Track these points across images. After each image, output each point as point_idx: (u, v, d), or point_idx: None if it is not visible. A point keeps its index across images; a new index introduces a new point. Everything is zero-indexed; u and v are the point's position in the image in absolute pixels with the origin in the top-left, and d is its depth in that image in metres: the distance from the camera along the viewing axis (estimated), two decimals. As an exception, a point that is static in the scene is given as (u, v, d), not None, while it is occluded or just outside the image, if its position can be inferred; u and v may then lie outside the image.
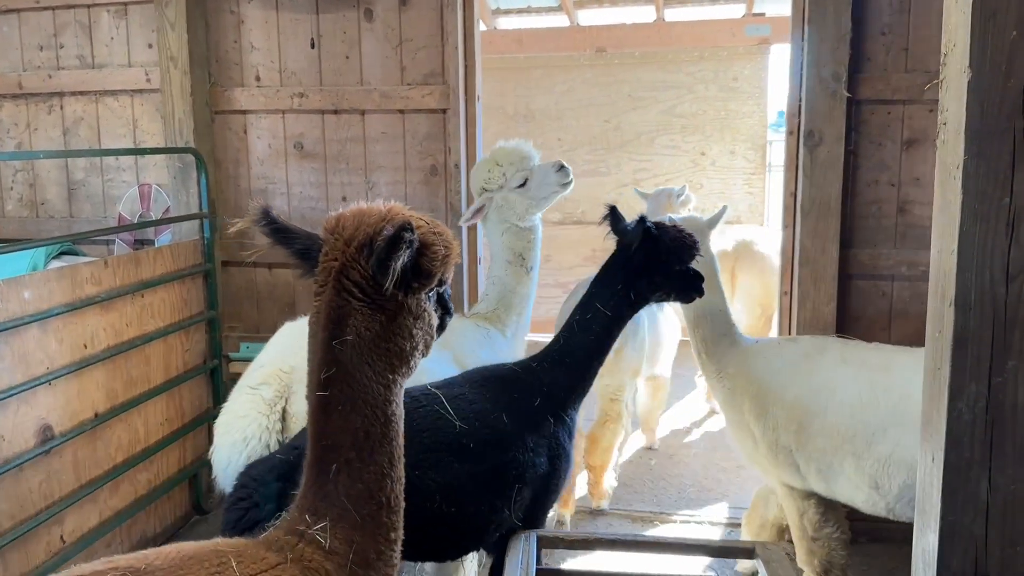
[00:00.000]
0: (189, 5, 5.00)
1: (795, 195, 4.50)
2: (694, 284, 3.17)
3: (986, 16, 1.53)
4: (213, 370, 5.06)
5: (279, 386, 3.12)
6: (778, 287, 4.76)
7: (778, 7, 8.88)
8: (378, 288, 1.78)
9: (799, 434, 3.48)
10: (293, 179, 5.24)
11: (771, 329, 6.27)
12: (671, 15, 9.12)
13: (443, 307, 2.02)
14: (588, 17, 9.49)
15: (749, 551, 2.88)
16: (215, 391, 5.08)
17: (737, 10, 9.06)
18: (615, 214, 3.17)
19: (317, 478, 1.80)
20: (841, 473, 3.39)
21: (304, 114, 5.16)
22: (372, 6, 4.97)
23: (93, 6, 5.30)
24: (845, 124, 4.30)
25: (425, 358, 1.98)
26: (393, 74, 5.00)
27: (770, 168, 9.42)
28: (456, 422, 2.75)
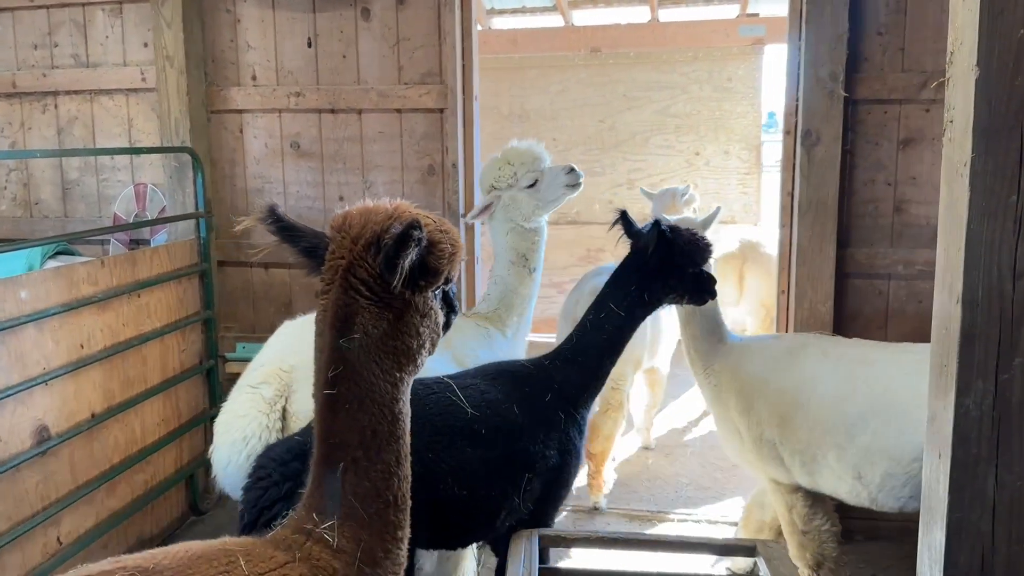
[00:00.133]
0: (185, 4, 4.98)
1: (792, 195, 4.52)
2: (707, 286, 3.23)
3: (994, 14, 1.54)
4: (209, 370, 5.04)
5: (279, 385, 3.12)
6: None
7: (772, 8, 8.90)
8: (385, 286, 1.77)
9: (782, 428, 3.54)
10: (290, 178, 5.22)
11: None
12: (665, 15, 9.14)
13: (449, 305, 2.02)
14: (583, 17, 9.50)
15: (750, 549, 2.89)
16: (211, 391, 5.07)
17: (731, 10, 9.08)
18: (626, 218, 3.23)
19: (324, 476, 1.80)
20: (824, 465, 3.44)
21: (301, 113, 5.15)
22: (369, 5, 4.96)
23: (88, 5, 5.27)
24: (842, 124, 4.32)
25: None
26: (390, 73, 5.00)
27: (763, 168, 9.46)
28: (468, 408, 2.80)
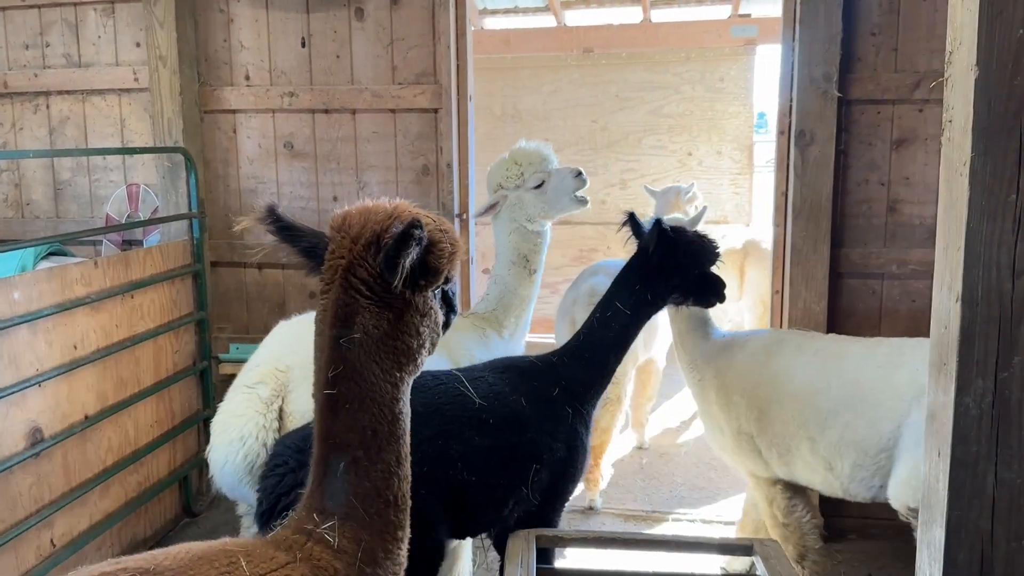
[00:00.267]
0: (178, 3, 4.96)
1: (786, 195, 4.53)
2: (715, 289, 3.27)
3: (993, 14, 1.55)
4: (203, 371, 5.02)
5: (276, 385, 3.11)
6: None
7: (764, 8, 8.94)
8: (386, 286, 1.77)
9: (760, 421, 3.61)
10: (283, 179, 5.21)
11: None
12: (658, 16, 9.16)
13: (448, 305, 2.02)
14: (575, 18, 9.51)
15: (747, 548, 2.89)
16: (205, 393, 5.05)
17: (723, 11, 9.10)
18: (634, 219, 3.31)
19: (324, 476, 1.80)
20: (799, 457, 3.52)
21: (294, 113, 5.13)
22: (363, 5, 4.95)
23: (80, 4, 5.24)
24: (836, 124, 4.33)
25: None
26: (384, 73, 4.99)
27: (754, 168, 9.47)
28: (476, 399, 2.85)
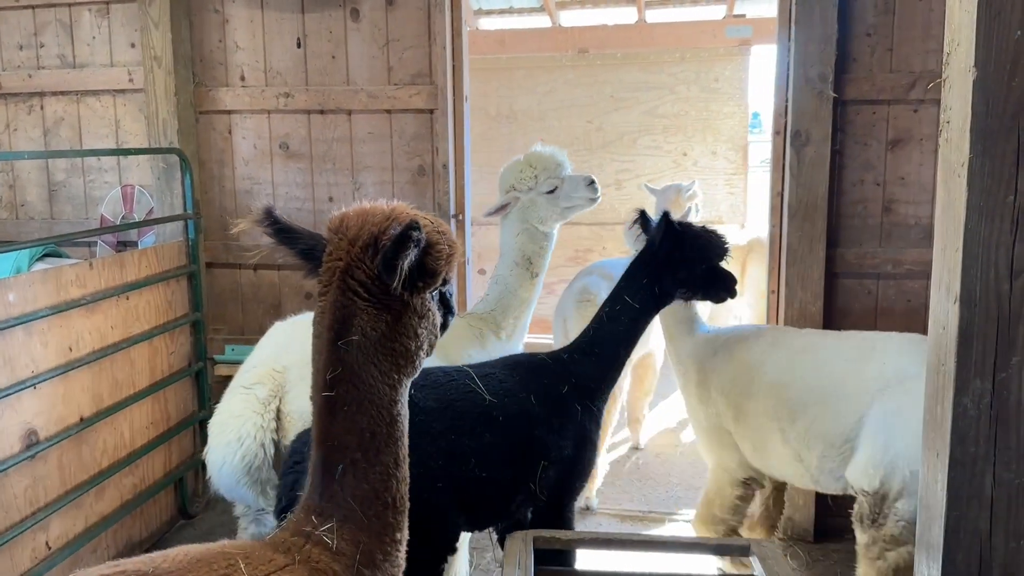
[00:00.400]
0: (173, 4, 4.95)
1: (781, 195, 4.53)
2: (723, 284, 3.30)
3: (991, 15, 1.55)
4: (198, 373, 5.01)
5: (273, 385, 3.12)
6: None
7: (759, 9, 8.94)
8: (384, 288, 1.77)
9: (735, 414, 3.66)
10: (279, 179, 5.20)
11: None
12: (652, 16, 9.15)
13: (446, 306, 2.01)
14: (570, 18, 9.50)
15: (745, 548, 2.89)
16: (200, 394, 5.04)
17: (718, 11, 9.10)
18: (644, 216, 3.39)
19: (323, 479, 1.79)
20: (772, 449, 3.57)
21: (290, 114, 5.13)
22: (358, 6, 4.94)
23: (74, 5, 5.23)
24: (831, 124, 4.33)
25: None
26: (380, 74, 4.98)
27: (749, 168, 9.49)
28: (486, 395, 2.88)
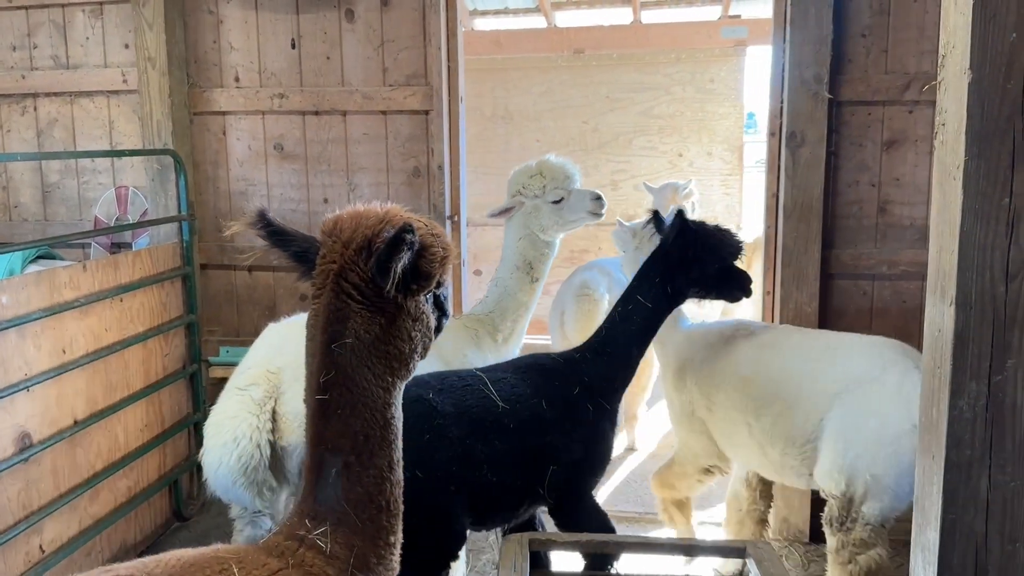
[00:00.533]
0: (167, 5, 4.93)
1: (777, 196, 4.53)
2: (738, 283, 3.31)
3: (986, 18, 1.55)
4: (193, 375, 4.99)
5: (268, 387, 3.11)
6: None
7: (754, 9, 8.94)
8: (377, 290, 1.76)
9: (708, 404, 3.72)
10: (273, 181, 5.18)
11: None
12: (648, 17, 9.15)
13: (440, 309, 2.01)
14: (565, 19, 9.49)
15: (740, 550, 2.89)
16: (195, 396, 5.02)
17: (713, 12, 9.10)
18: (657, 216, 3.43)
19: (317, 482, 1.78)
20: (740, 440, 3.64)
21: (284, 115, 5.11)
22: (353, 6, 4.93)
23: (68, 5, 5.20)
24: (826, 125, 4.33)
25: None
26: (375, 75, 4.97)
27: (744, 169, 9.50)
28: (499, 402, 2.90)
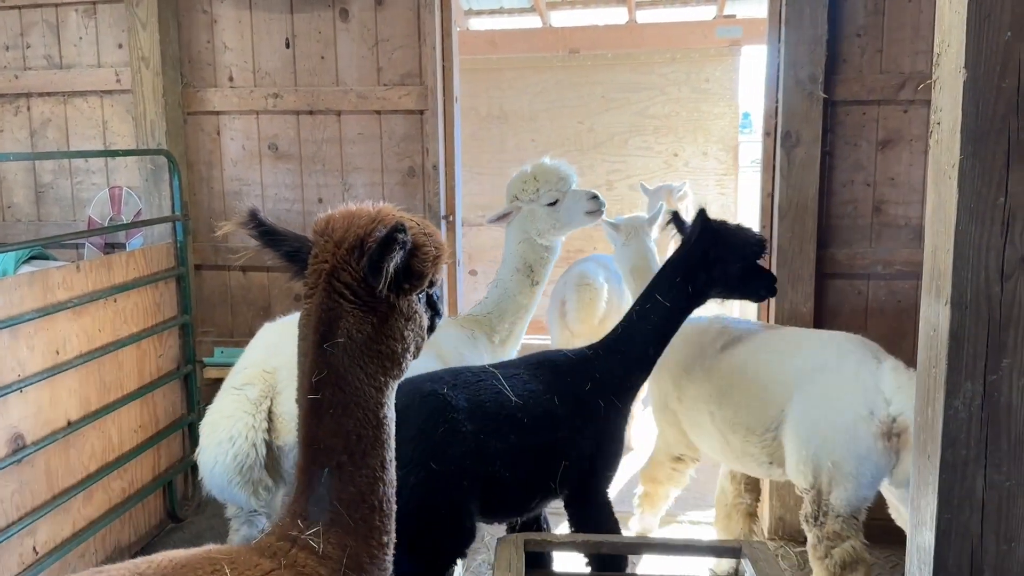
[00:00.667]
0: (160, 4, 4.91)
1: (772, 196, 4.53)
2: (762, 283, 3.30)
3: (981, 17, 1.54)
4: (187, 375, 4.97)
5: (264, 386, 3.11)
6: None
7: (749, 9, 8.95)
8: (370, 290, 1.76)
9: (679, 394, 3.79)
10: (268, 181, 5.17)
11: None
12: (643, 17, 9.15)
13: (433, 308, 2.01)
14: (560, 18, 9.50)
15: (736, 550, 2.88)
16: (189, 397, 5.00)
17: (708, 12, 9.11)
18: (677, 217, 3.44)
19: (309, 482, 1.78)
20: (704, 429, 3.70)
21: (279, 115, 5.09)
22: (347, 6, 4.92)
23: (61, 5, 5.18)
24: (821, 125, 4.33)
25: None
26: (369, 75, 4.96)
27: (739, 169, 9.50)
28: (512, 398, 2.89)
